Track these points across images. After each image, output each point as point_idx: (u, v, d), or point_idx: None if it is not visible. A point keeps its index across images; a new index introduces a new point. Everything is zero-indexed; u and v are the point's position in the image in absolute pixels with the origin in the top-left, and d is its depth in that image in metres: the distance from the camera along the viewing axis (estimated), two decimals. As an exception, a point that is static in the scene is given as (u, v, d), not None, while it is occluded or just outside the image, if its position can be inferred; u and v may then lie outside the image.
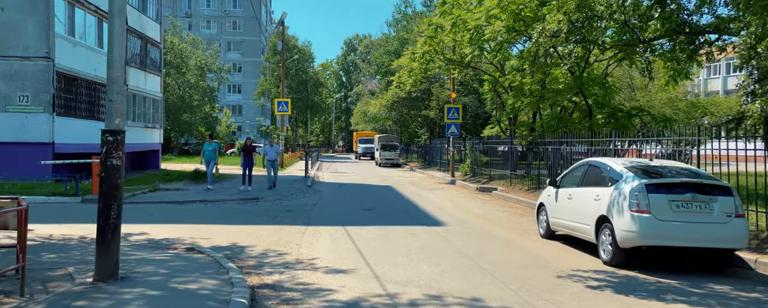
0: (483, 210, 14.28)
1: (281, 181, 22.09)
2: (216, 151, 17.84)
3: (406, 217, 12.83)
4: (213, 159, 17.58)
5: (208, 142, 18.11)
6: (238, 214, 12.64)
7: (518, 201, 16.19)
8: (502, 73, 24.86)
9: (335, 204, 15.20)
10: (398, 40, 45.29)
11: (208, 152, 17.66)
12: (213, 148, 17.73)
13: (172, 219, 11.65)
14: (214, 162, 17.60)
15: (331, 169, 34.50)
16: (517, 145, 21.01)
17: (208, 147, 17.80)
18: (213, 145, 17.88)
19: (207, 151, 17.68)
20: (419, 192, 19.80)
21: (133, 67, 24.65)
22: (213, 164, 17.58)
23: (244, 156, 18.01)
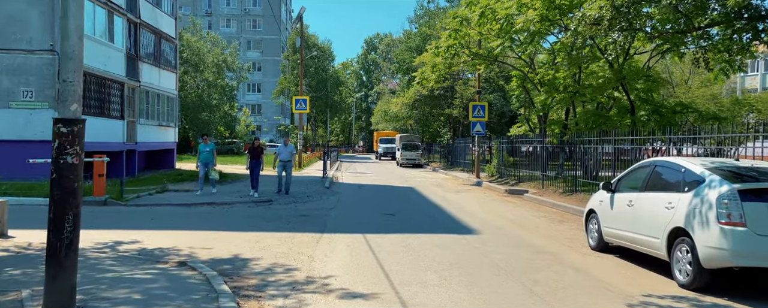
0: (516, 216, 12.92)
1: (298, 182, 20.95)
2: (214, 152, 15.91)
3: (433, 223, 11.54)
4: (210, 162, 15.70)
5: (203, 142, 15.89)
6: (246, 219, 11.47)
7: (554, 206, 14.78)
8: (531, 69, 23.41)
9: (354, 208, 13.98)
10: (420, 37, 43.93)
11: (204, 154, 15.67)
12: (210, 149, 15.74)
13: (173, 225, 10.54)
14: (211, 165, 15.73)
15: (350, 170, 33.34)
16: (549, 143, 19.54)
17: (205, 147, 15.73)
18: (210, 146, 15.80)
19: (203, 153, 15.68)
20: (444, 194, 18.49)
21: (146, 62, 23.77)
22: (211, 167, 15.71)
23: (251, 158, 15.85)
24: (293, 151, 16.42)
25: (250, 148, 16.02)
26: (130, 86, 22.29)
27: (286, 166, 16.31)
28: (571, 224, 11.67)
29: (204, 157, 15.62)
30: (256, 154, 15.94)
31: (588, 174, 16.85)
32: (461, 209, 14.13)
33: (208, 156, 15.60)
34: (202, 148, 15.71)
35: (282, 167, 16.12)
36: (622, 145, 14.30)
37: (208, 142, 15.89)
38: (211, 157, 15.68)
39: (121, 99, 21.46)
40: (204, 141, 15.96)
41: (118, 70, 20.93)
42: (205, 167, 15.58)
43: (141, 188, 16.42)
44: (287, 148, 16.55)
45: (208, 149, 15.66)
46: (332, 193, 17.71)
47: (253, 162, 15.73)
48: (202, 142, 15.95)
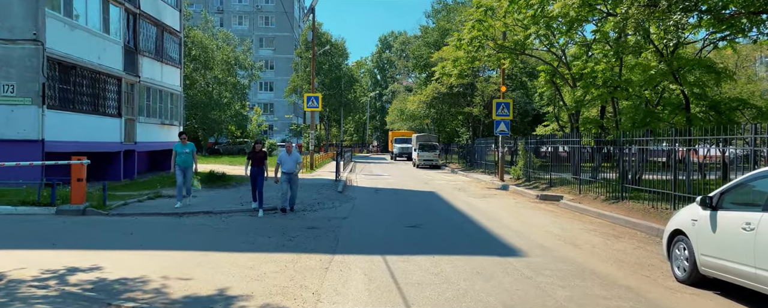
0: (560, 229, 11.01)
1: (308, 186, 19.21)
2: (194, 154, 13.01)
3: (465, 239, 9.68)
4: (190, 166, 12.91)
5: (181, 143, 12.99)
6: (243, 234, 9.70)
7: (600, 216, 12.83)
8: (562, 62, 21.42)
9: (371, 218, 12.16)
10: (438, 31, 41.99)
11: (182, 155, 12.82)
12: (190, 150, 12.90)
13: (154, 241, 8.79)
14: (191, 170, 13.01)
15: (365, 171, 31.54)
16: (587, 144, 17.58)
17: (182, 148, 12.86)
18: (189, 146, 12.96)
19: (180, 155, 12.83)
20: (469, 200, 16.62)
21: (147, 56, 22.17)
22: (190, 172, 12.98)
23: (252, 165, 12.64)
24: (299, 160, 12.82)
25: (251, 153, 12.86)
26: (129, 81, 20.69)
27: (291, 179, 12.72)
28: (631, 241, 9.75)
29: (182, 160, 12.84)
30: (258, 160, 12.70)
31: (633, 178, 14.91)
32: (493, 219, 12.25)
33: (187, 159, 12.88)
34: (180, 149, 12.87)
35: (287, 180, 12.62)
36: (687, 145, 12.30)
37: (186, 142, 13.09)
38: (191, 160, 12.95)
39: (118, 95, 19.85)
40: (181, 140, 13.08)
41: (114, 63, 19.32)
42: (184, 173, 12.82)
43: (132, 193, 14.75)
44: (292, 156, 12.79)
45: (188, 150, 12.89)
46: (346, 199, 15.92)
47: (255, 170, 12.65)
48: (180, 141, 13.08)
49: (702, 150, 11.95)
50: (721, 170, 13.12)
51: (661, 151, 15.00)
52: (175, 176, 12.98)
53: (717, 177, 11.21)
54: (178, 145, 12.95)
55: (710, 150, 11.83)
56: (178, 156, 12.85)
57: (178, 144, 12.98)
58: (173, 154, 13.04)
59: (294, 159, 12.87)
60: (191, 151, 12.95)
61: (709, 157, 16.79)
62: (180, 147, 12.92)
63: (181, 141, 13.08)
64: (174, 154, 12.97)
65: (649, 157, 15.24)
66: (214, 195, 15.43)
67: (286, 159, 12.78)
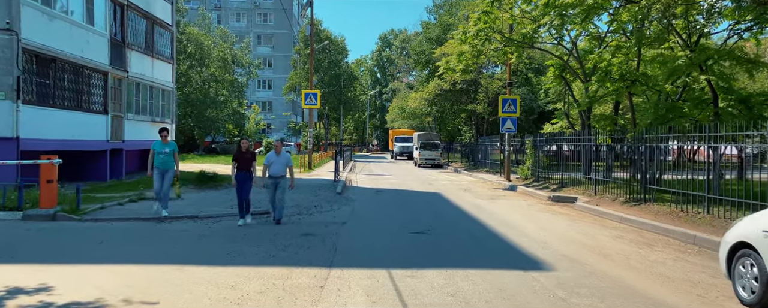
0: (584, 236, 9.91)
1: (305, 186, 18.11)
2: (175, 154, 10.99)
3: (479, 248, 8.59)
4: (170, 168, 10.88)
5: (161, 141, 10.91)
6: (229, 242, 8.59)
7: (623, 220, 11.72)
8: (574, 56, 20.32)
9: (372, 224, 11.05)
10: (440, 26, 40.84)
11: (161, 156, 10.76)
12: (170, 150, 10.86)
13: (124, 253, 7.69)
14: (171, 174, 10.91)
15: (365, 171, 30.44)
16: (603, 142, 16.49)
17: (162, 147, 10.82)
18: (170, 145, 10.91)
19: (159, 155, 10.77)
20: (477, 201, 15.54)
21: (136, 50, 21.04)
22: (170, 176, 10.89)
23: (238, 170, 10.45)
24: (289, 162, 10.80)
25: (237, 154, 10.56)
26: (116, 76, 19.57)
27: (279, 184, 10.63)
28: (666, 250, 8.66)
29: (161, 161, 10.78)
30: (245, 162, 10.46)
31: (652, 178, 13.85)
32: (506, 224, 11.16)
33: (166, 160, 10.80)
34: (159, 148, 10.82)
35: (273, 185, 10.63)
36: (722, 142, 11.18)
37: (167, 140, 10.94)
38: (171, 162, 10.87)
39: (104, 91, 18.73)
40: (162, 137, 10.94)
41: (99, 57, 18.19)
42: (162, 176, 10.79)
43: (114, 195, 13.66)
44: (280, 157, 10.73)
45: (168, 150, 10.76)
46: (345, 201, 14.83)
47: (241, 176, 10.41)
48: (160, 138, 10.99)
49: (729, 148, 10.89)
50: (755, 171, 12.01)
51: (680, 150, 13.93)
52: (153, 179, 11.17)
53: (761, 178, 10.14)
54: (157, 143, 10.97)
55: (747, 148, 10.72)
56: (156, 156, 10.83)
57: (157, 142, 10.99)
58: (151, 153, 10.91)
59: (282, 162, 10.77)
60: (172, 150, 10.94)
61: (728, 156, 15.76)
62: (159, 145, 10.91)
63: (161, 138, 11.02)
64: (152, 154, 10.89)
65: (667, 156, 14.18)
66: (203, 197, 14.33)
67: (274, 160, 10.73)
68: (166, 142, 10.99)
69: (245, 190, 10.41)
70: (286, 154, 10.92)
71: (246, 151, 10.63)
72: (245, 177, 10.49)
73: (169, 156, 10.92)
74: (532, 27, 20.23)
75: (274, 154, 10.85)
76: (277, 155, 10.79)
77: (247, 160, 10.57)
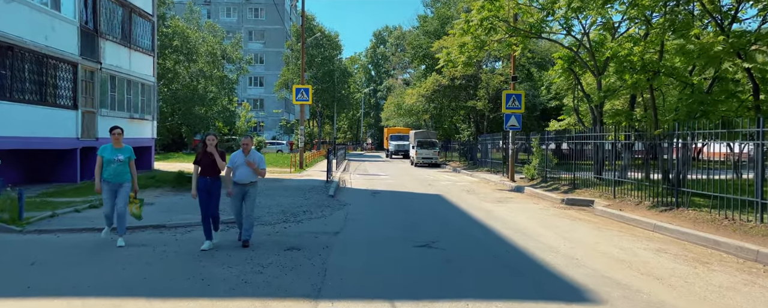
0: (619, 250, 8.39)
1: (295, 188, 16.55)
2: (131, 162, 8.13)
3: (499, 267, 7.06)
4: (125, 182, 8.03)
5: (111, 145, 8.07)
6: (194, 261, 7.02)
7: (657, 228, 10.21)
8: (585, 47, 18.83)
9: (369, 234, 9.50)
10: (438, 20, 39.27)
11: (111, 165, 7.89)
12: (125, 158, 8.02)
13: (54, 281, 6.10)
14: (127, 189, 8.04)
15: (359, 170, 28.88)
16: (622, 139, 14.99)
17: (113, 154, 7.96)
18: (124, 152, 8.05)
19: (109, 164, 7.89)
20: (484, 205, 14.03)
21: (110, 40, 19.39)
22: (125, 192, 8.00)
23: (202, 175, 7.96)
24: (261, 164, 8.25)
25: (200, 155, 8.03)
26: (87, 68, 17.92)
27: (248, 193, 8.20)
28: (727, 269, 7.15)
29: (111, 173, 7.93)
30: (208, 165, 7.94)
31: (677, 179, 12.40)
32: (525, 233, 9.64)
33: (120, 171, 7.96)
34: (109, 155, 7.93)
35: (240, 194, 8.17)
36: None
37: (120, 143, 8.10)
38: (127, 173, 8.05)
39: (73, 83, 17.08)
40: (113, 139, 8.08)
41: (67, 46, 16.54)
42: (115, 192, 7.95)
43: (76, 199, 12.04)
44: (250, 157, 8.16)
45: (122, 157, 7.96)
46: (338, 205, 13.28)
47: (205, 183, 7.96)
48: (111, 140, 8.13)
49: None
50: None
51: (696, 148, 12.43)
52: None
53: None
54: (107, 147, 8.03)
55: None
56: (105, 165, 7.89)
57: (107, 146, 8.05)
58: (98, 162, 7.93)
59: (250, 164, 8.16)
60: (128, 158, 8.05)
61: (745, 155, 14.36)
62: (110, 151, 7.96)
63: (112, 141, 8.09)
64: (99, 163, 7.91)
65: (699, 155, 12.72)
66: (178, 201, 12.75)
67: (240, 163, 8.13)
68: (118, 147, 8.07)
69: (212, 203, 8.00)
70: (257, 154, 8.35)
71: (209, 153, 7.97)
72: (211, 185, 7.98)
73: (124, 166, 8.02)
74: (539, 17, 18.80)
75: (241, 154, 8.20)
76: (245, 155, 8.16)
77: (209, 164, 7.92)
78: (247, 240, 8.15)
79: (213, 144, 8.04)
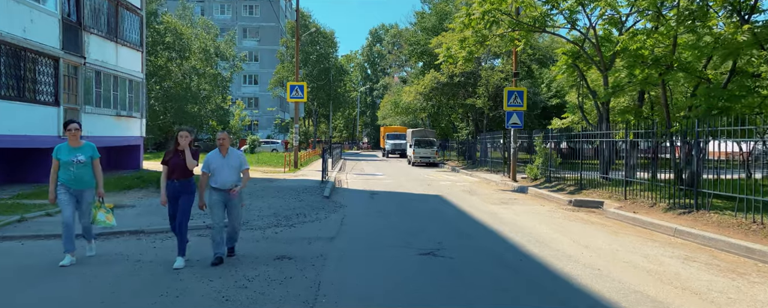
0: (644, 258, 7.63)
1: (288, 190, 15.75)
2: (96, 162, 6.83)
3: (514, 279, 6.29)
4: (87, 188, 6.75)
5: (69, 144, 6.72)
6: (169, 274, 6.23)
7: (677, 233, 9.45)
8: (591, 42, 18.10)
9: (368, 240, 8.71)
10: (436, 16, 38.48)
11: (69, 167, 6.60)
12: (86, 158, 6.72)
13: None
14: (90, 195, 6.77)
15: (356, 170, 28.09)
16: (642, 137, 14.24)
17: (70, 154, 6.66)
18: (84, 151, 6.74)
19: (66, 166, 6.60)
20: (489, 207, 13.26)
21: (95, 34, 18.53)
22: (88, 199, 6.75)
23: (170, 179, 6.75)
24: (243, 165, 6.91)
25: (169, 154, 6.79)
26: (70, 63, 17.06)
27: (229, 202, 6.88)
28: (765, 279, 6.39)
29: (69, 176, 6.61)
30: (178, 166, 6.68)
31: (691, 179, 11.70)
32: (537, 239, 8.87)
33: (79, 175, 6.64)
34: (65, 156, 6.62)
35: (221, 202, 6.84)
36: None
37: (79, 141, 6.76)
38: (88, 176, 6.71)
39: (54, 79, 16.22)
40: (69, 136, 6.68)
41: (48, 39, 15.69)
42: (76, 198, 6.67)
43: (40, 204, 11.18)
44: (229, 159, 6.82)
45: (82, 157, 6.64)
46: (333, 207, 12.48)
47: (176, 187, 6.71)
48: (67, 139, 6.75)
49: None
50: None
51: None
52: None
53: None
54: (63, 147, 6.68)
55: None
56: (62, 168, 6.59)
57: (62, 146, 6.70)
58: (53, 165, 6.65)
59: (233, 165, 6.80)
60: (89, 158, 6.71)
61: None
62: (66, 151, 6.63)
63: (68, 139, 6.70)
64: (55, 166, 6.63)
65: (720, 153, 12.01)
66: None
67: (220, 165, 6.74)
68: (76, 145, 6.69)
69: (182, 211, 6.63)
70: (238, 153, 6.96)
71: (180, 151, 6.64)
72: (182, 190, 6.66)
73: (85, 168, 6.65)
74: (542, 10, 18.06)
75: (218, 154, 6.78)
76: (223, 156, 6.76)
77: (179, 167, 6.61)
78: (231, 249, 7.09)
79: (186, 141, 6.66)
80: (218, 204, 6.87)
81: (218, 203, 6.86)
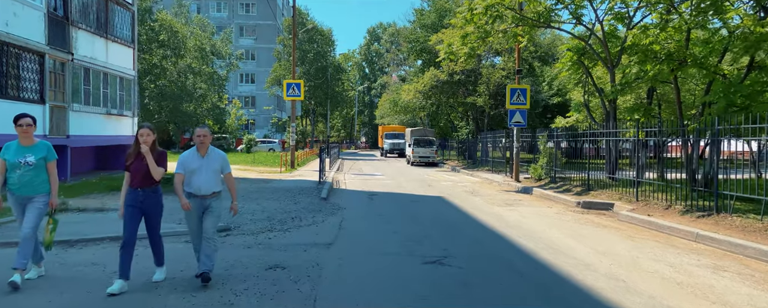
0: (667, 266, 7.01)
1: (284, 191, 15.12)
2: (49, 165, 5.70)
3: (531, 292, 5.67)
4: (39, 194, 5.65)
5: (20, 142, 5.64)
6: (149, 290, 5.59)
7: (699, 238, 8.83)
8: (598, 38, 17.50)
9: (368, 246, 8.07)
10: (436, 12, 37.87)
11: (19, 172, 5.55)
12: (36, 160, 5.60)
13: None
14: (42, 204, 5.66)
15: (354, 170, 27.45)
16: (650, 136, 13.62)
17: (18, 154, 5.58)
18: (36, 151, 5.64)
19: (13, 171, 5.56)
20: (492, 209, 12.65)
21: (84, 29, 17.84)
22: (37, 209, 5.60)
23: (132, 185, 5.61)
24: (225, 168, 5.94)
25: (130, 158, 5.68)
26: (56, 59, 16.38)
27: (210, 209, 5.88)
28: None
29: (17, 181, 5.62)
30: (141, 172, 5.60)
31: (705, 180, 11.12)
32: (550, 246, 8.24)
33: (29, 180, 5.63)
34: (12, 155, 5.60)
35: (198, 211, 5.86)
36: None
37: (32, 139, 5.72)
38: (40, 181, 5.69)
39: (40, 75, 15.54)
40: (19, 133, 5.63)
41: (32, 34, 15.01)
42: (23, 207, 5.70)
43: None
44: (209, 160, 5.85)
45: (31, 159, 5.58)
46: (331, 210, 11.83)
47: (136, 197, 5.64)
48: (18, 136, 5.66)
49: None
50: None
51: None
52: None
53: None
54: (11, 145, 5.69)
55: None
56: (9, 170, 5.60)
57: (11, 144, 5.70)
58: (2, 166, 5.65)
59: (213, 168, 5.82)
60: (41, 160, 5.66)
61: None
62: (14, 151, 5.63)
63: (19, 137, 5.67)
64: (1, 168, 5.64)
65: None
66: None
67: (198, 166, 5.77)
68: (28, 144, 5.67)
69: (151, 226, 5.79)
70: (219, 153, 5.94)
71: (141, 153, 5.54)
72: (145, 200, 5.61)
73: (36, 171, 5.63)
74: (546, 5, 17.48)
75: (196, 153, 5.80)
76: (201, 156, 5.79)
77: (141, 170, 5.53)
78: (206, 272, 5.65)
79: (149, 141, 5.54)
80: (193, 213, 5.79)
81: (193, 212, 5.78)
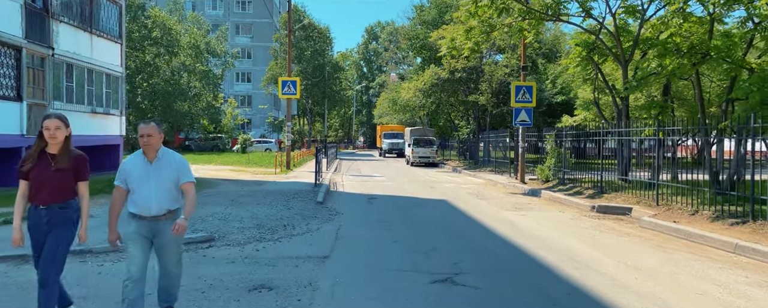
0: (713, 284, 6.09)
1: (277, 194, 14.14)
2: None
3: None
4: None
5: None
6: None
7: (738, 249, 7.89)
8: (609, 32, 16.58)
9: (368, 260, 7.11)
10: (436, 8, 36.89)
11: None
12: None
13: None
14: None
15: (352, 171, 26.48)
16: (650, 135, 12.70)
17: None
18: None
19: None
20: (502, 214, 11.72)
21: (66, 23, 16.85)
22: None
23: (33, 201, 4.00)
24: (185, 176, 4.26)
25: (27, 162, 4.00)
26: (35, 54, 15.39)
27: (161, 234, 4.24)
28: None
29: None
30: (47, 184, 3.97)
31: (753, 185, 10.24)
32: (573, 258, 7.30)
33: None
34: None
35: (147, 236, 4.25)
36: None
37: None
38: None
39: (16, 71, 14.55)
40: None
41: (6, 27, 14.01)
42: None
43: (2, 210, 9.57)
44: (158, 167, 4.24)
45: None
46: (327, 215, 10.88)
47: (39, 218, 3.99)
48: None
49: None
50: None
51: None
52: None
53: None
54: None
55: None
56: None
57: None
58: None
59: (165, 176, 4.25)
60: None
61: None
62: None
63: None
64: None
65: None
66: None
67: (141, 176, 4.22)
68: None
69: (49, 256, 3.97)
70: (175, 158, 4.37)
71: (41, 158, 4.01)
72: (49, 222, 4.01)
73: None
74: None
75: (142, 158, 4.27)
76: (149, 162, 4.25)
77: (53, 177, 3.96)
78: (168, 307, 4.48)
79: (59, 137, 3.97)
80: (138, 240, 4.19)
81: (138, 239, 4.18)
